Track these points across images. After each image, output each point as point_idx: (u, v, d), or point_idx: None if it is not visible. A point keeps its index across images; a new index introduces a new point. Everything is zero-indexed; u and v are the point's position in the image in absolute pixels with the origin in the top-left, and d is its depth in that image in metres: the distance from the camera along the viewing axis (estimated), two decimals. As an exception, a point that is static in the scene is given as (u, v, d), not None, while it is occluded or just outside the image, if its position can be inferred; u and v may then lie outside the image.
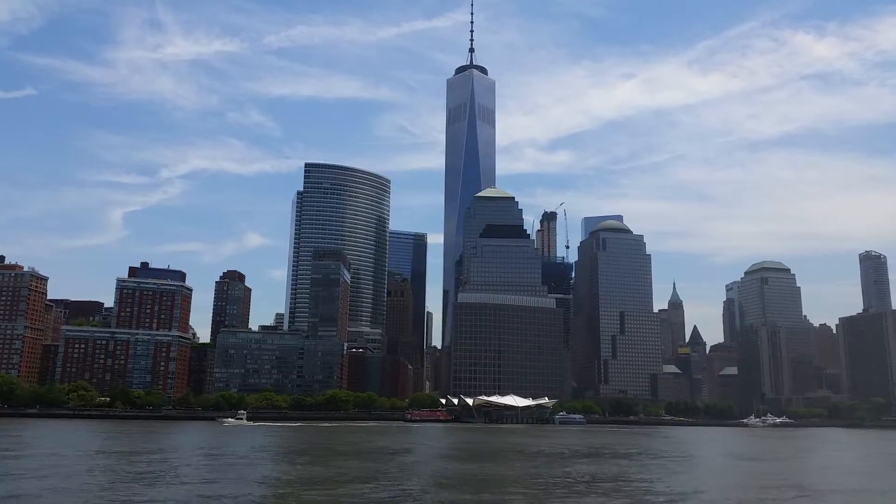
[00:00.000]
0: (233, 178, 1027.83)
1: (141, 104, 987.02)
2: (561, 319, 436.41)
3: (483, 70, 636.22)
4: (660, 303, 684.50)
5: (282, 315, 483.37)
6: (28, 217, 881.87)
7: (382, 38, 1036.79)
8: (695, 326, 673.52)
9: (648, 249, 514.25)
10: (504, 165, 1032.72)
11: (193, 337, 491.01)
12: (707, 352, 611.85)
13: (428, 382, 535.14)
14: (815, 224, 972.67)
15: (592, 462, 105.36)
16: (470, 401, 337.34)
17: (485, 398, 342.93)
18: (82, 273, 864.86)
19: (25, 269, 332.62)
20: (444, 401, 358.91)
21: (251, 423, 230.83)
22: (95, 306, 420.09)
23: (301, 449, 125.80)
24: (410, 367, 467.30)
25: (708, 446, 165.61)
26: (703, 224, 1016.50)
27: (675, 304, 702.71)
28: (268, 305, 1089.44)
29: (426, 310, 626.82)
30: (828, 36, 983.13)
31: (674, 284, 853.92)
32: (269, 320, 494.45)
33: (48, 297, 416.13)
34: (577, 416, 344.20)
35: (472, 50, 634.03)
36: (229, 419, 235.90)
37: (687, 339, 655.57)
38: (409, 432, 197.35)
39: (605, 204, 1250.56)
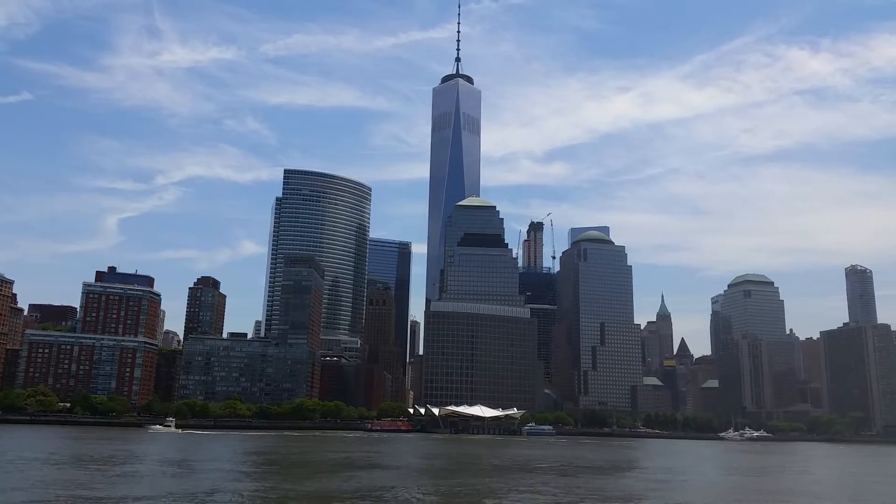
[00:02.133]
0: (228, 186, 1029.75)
1: (137, 110, 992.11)
2: (536, 330, 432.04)
3: (469, 79, 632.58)
4: (649, 315, 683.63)
5: (260, 323, 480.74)
6: (22, 222, 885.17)
7: (379, 48, 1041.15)
8: (682, 339, 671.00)
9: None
10: (500, 176, 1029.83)
11: (178, 343, 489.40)
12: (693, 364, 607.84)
13: (412, 392, 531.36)
14: (808, 239, 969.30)
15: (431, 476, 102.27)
16: (436, 411, 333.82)
17: (452, 408, 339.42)
18: (74, 279, 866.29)
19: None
20: (412, 410, 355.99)
21: (179, 430, 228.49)
22: (68, 311, 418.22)
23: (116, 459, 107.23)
24: (390, 376, 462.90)
25: (635, 459, 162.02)
26: (697, 237, 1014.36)
27: (664, 317, 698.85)
28: (256, 314, 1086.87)
29: (411, 319, 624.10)
30: (822, 52, 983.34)
31: (662, 297, 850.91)
32: (251, 328, 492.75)
33: (30, 303, 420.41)
34: (546, 427, 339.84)
35: (458, 59, 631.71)
36: (156, 426, 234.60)
37: (675, 352, 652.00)
38: (341, 442, 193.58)
39: (600, 216, 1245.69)
